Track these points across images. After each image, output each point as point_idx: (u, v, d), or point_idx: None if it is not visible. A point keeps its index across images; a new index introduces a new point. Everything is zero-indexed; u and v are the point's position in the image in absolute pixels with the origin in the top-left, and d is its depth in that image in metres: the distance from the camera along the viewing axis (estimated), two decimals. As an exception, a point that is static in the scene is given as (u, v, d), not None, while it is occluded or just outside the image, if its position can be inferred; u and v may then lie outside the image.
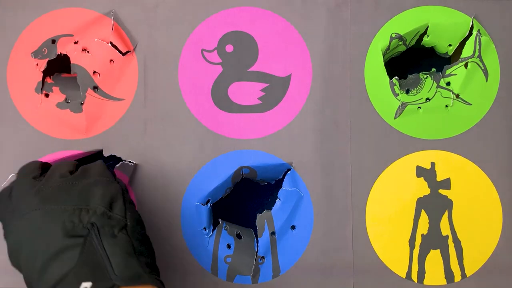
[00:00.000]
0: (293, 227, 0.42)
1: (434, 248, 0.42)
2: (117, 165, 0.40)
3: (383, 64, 0.42)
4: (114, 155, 0.42)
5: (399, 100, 0.42)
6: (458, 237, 0.42)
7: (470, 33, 0.43)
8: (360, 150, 0.42)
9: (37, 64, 0.42)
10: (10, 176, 0.39)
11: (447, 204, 0.42)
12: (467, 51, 0.43)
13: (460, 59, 0.43)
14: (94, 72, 0.42)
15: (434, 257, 0.42)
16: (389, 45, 0.42)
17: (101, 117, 0.42)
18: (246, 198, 0.48)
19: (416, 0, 0.43)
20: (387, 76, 0.42)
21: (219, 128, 0.42)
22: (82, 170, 0.32)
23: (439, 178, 0.42)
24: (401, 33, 0.42)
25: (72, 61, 0.42)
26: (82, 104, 0.42)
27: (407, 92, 0.43)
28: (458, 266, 0.42)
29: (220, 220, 0.42)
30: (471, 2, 0.42)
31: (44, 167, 0.33)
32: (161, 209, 0.42)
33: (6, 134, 0.42)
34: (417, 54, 0.48)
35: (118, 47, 0.42)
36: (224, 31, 0.42)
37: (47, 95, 0.42)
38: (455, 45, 0.44)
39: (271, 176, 0.44)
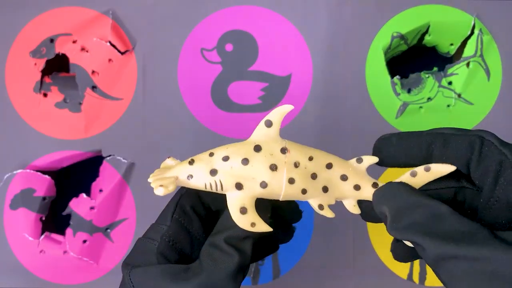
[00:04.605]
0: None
1: (435, 249, 0.42)
2: (107, 158, 0.40)
3: (384, 63, 0.42)
4: (114, 155, 0.42)
5: (401, 100, 0.42)
6: (460, 238, 0.42)
7: (472, 32, 0.42)
8: (361, 150, 0.42)
9: (35, 64, 0.42)
10: (6, 176, 0.39)
11: (449, 205, 0.42)
12: (468, 50, 0.42)
13: (462, 59, 0.42)
14: (93, 71, 0.41)
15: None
16: (390, 44, 0.42)
17: (100, 117, 0.42)
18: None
19: (418, -1, 0.42)
20: (389, 76, 0.42)
21: (219, 128, 0.42)
22: None
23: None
24: (403, 32, 0.42)
25: (70, 61, 0.42)
26: (80, 104, 0.42)
27: (409, 91, 0.43)
28: (460, 267, 0.42)
29: (219, 220, 0.42)
30: (472, 1, 0.42)
31: None
32: (161, 209, 0.42)
33: (4, 134, 0.42)
34: (419, 53, 0.48)
35: (117, 46, 0.41)
36: (224, 30, 0.42)
37: (45, 95, 0.42)
38: (457, 44, 0.43)
39: (271, 177, 0.43)
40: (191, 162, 0.24)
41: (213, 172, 0.23)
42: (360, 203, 0.25)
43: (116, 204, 0.42)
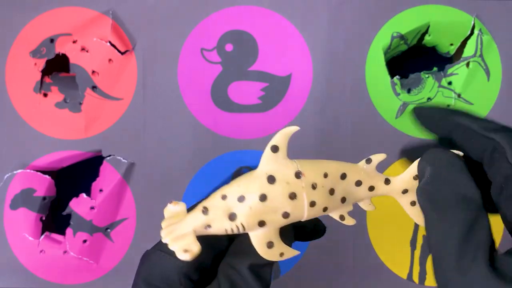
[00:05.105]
0: (293, 228, 0.42)
1: (435, 249, 0.42)
2: (107, 158, 0.40)
3: (384, 63, 0.42)
4: (114, 155, 0.42)
5: (401, 100, 0.42)
6: (460, 237, 0.42)
7: (472, 32, 0.42)
8: (361, 150, 0.42)
9: (35, 64, 0.42)
10: (6, 176, 0.39)
11: (449, 205, 0.42)
12: (468, 50, 0.42)
13: (461, 59, 0.42)
14: (93, 71, 0.41)
15: (435, 258, 0.42)
16: (390, 44, 0.42)
17: (100, 117, 0.42)
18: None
19: (417, -1, 0.42)
20: (388, 76, 0.42)
21: (219, 128, 0.42)
22: None
23: (441, 178, 0.42)
24: (402, 32, 0.42)
25: (70, 61, 0.42)
26: (81, 104, 0.42)
27: (409, 91, 0.43)
28: (460, 267, 0.42)
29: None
30: (472, 1, 0.42)
31: None
32: (160, 209, 0.42)
33: (4, 134, 0.42)
34: (419, 53, 0.48)
35: (117, 46, 0.41)
36: (224, 30, 0.42)
37: (45, 95, 0.42)
38: (457, 44, 0.43)
39: (271, 177, 0.43)
40: (205, 211, 0.22)
41: (232, 216, 0.21)
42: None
43: (116, 204, 0.42)
